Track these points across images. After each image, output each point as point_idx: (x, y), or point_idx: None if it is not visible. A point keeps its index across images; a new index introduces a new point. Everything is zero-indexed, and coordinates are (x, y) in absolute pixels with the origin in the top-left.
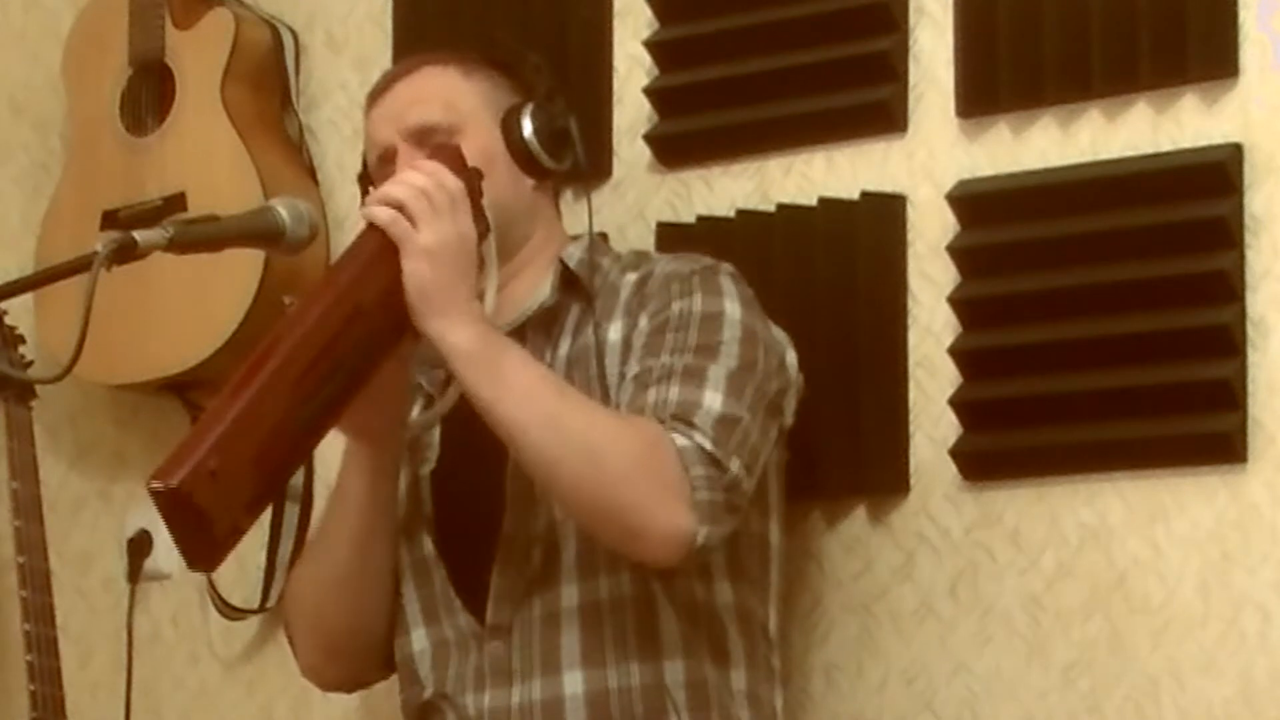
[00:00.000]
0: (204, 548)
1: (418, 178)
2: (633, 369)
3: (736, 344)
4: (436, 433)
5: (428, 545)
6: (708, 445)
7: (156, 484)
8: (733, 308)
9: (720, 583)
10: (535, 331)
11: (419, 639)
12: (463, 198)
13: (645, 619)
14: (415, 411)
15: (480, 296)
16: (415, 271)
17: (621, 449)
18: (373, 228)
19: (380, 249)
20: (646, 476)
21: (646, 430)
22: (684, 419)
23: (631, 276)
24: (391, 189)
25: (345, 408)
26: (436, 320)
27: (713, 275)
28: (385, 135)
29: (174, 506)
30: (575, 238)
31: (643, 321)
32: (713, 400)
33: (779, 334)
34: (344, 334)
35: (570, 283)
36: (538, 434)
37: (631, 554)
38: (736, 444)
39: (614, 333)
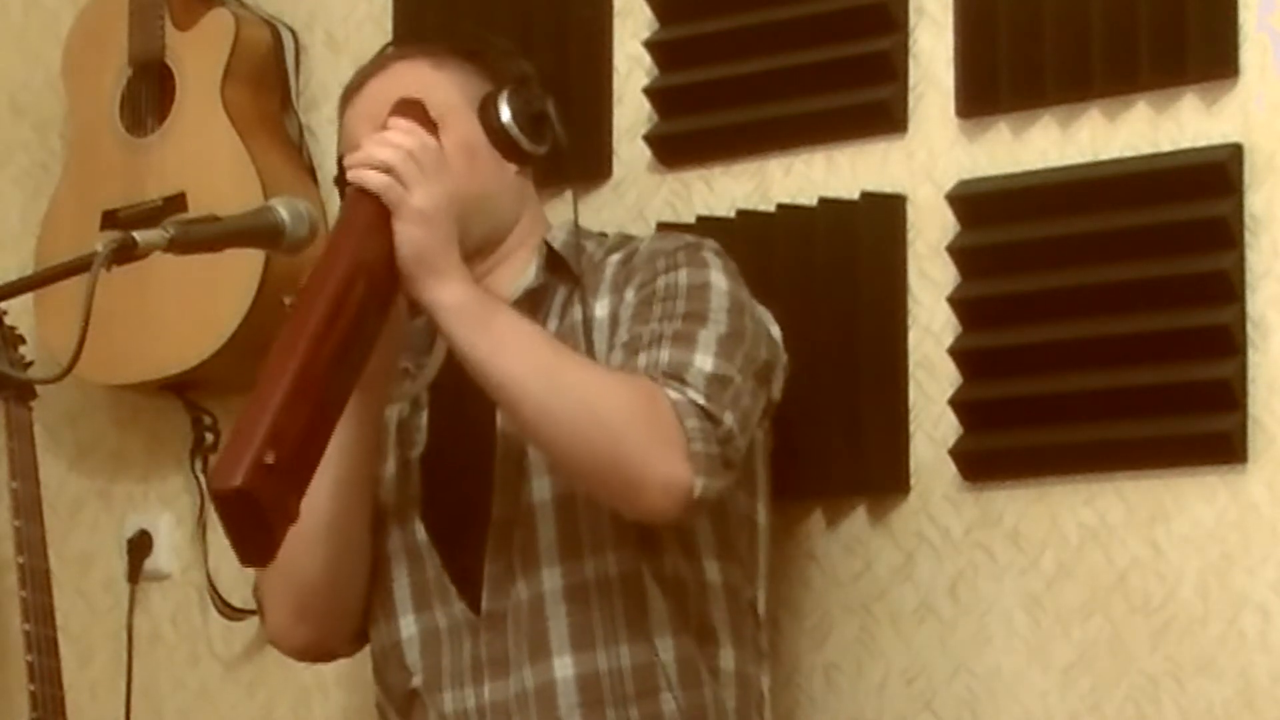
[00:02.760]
0: (262, 542)
1: (403, 139)
2: (622, 337)
3: (725, 312)
4: (424, 416)
5: (420, 531)
6: (700, 400)
7: (219, 485)
8: (719, 279)
9: (708, 561)
10: (522, 312)
11: (408, 625)
12: (443, 156)
13: (633, 599)
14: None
15: None
16: (410, 235)
17: (617, 401)
18: (363, 192)
19: (376, 214)
20: (643, 428)
21: (641, 384)
22: (676, 376)
23: (615, 257)
24: (378, 151)
25: (364, 371)
26: (428, 282)
27: (697, 250)
28: (365, 136)
29: (237, 507)
30: (557, 226)
31: (629, 295)
32: (704, 361)
33: (763, 310)
34: (360, 302)
35: (555, 265)
36: (533, 387)
37: (629, 508)
38: (729, 401)
39: (601, 310)
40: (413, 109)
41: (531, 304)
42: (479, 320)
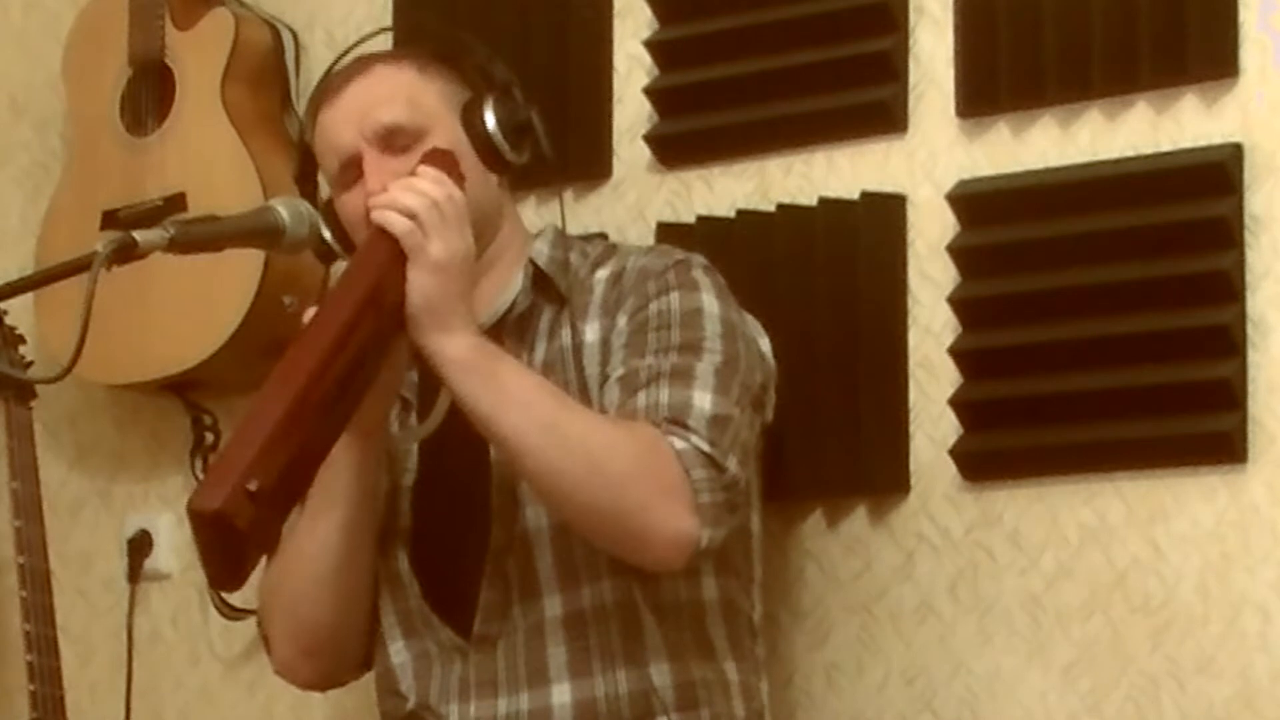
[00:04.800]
0: (234, 568)
1: (430, 187)
2: (616, 370)
3: (719, 339)
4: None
5: (403, 560)
6: (705, 447)
7: (198, 506)
8: (710, 302)
9: (706, 578)
10: (510, 335)
11: (398, 651)
12: (465, 210)
13: (629, 625)
14: (394, 425)
15: None
16: (422, 283)
17: (621, 454)
18: (382, 233)
19: (392, 256)
20: (648, 480)
21: (644, 435)
22: (678, 421)
23: (603, 274)
24: (404, 197)
25: (356, 412)
26: (435, 333)
27: (686, 270)
28: (347, 139)
29: (214, 530)
30: (538, 234)
31: (621, 321)
32: (703, 400)
33: (752, 323)
34: (364, 342)
35: (541, 283)
36: (538, 443)
37: (635, 558)
38: (730, 442)
39: (591, 334)
40: (443, 159)
41: (519, 327)
42: (482, 374)
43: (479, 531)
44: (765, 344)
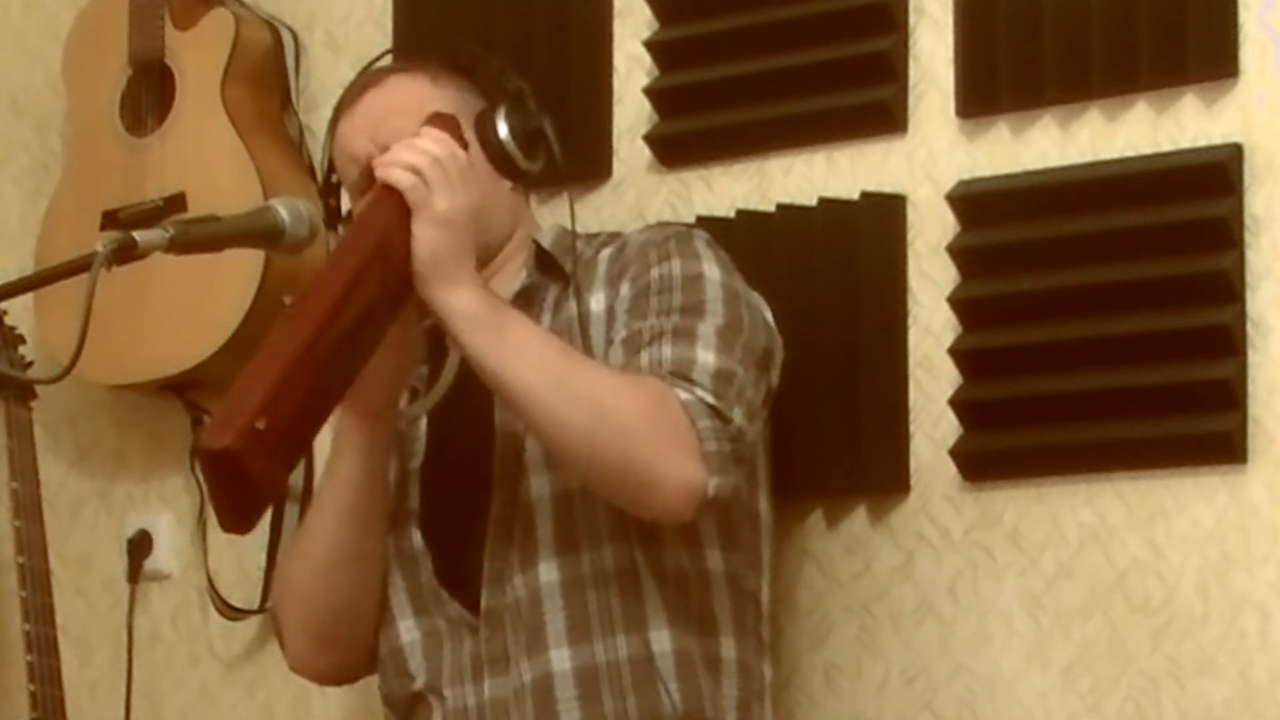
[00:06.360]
0: (243, 509)
1: (432, 145)
2: (620, 333)
3: (720, 303)
4: (423, 426)
5: (415, 537)
6: (709, 399)
7: (207, 444)
8: (711, 269)
9: (711, 550)
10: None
11: (408, 630)
12: (470, 168)
13: (629, 591)
14: (402, 404)
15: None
16: (428, 237)
17: (629, 404)
18: (388, 190)
19: (398, 212)
20: (655, 429)
21: (651, 386)
22: (682, 375)
23: (607, 252)
24: (407, 154)
25: (363, 367)
26: (443, 286)
27: (688, 240)
28: (361, 148)
29: (222, 469)
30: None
31: (624, 288)
32: (706, 356)
33: (758, 297)
34: (371, 295)
35: (545, 263)
36: (546, 394)
37: (643, 509)
38: (735, 395)
39: (596, 304)
40: (447, 123)
41: (524, 301)
42: (491, 328)
43: (481, 502)
44: (769, 315)
